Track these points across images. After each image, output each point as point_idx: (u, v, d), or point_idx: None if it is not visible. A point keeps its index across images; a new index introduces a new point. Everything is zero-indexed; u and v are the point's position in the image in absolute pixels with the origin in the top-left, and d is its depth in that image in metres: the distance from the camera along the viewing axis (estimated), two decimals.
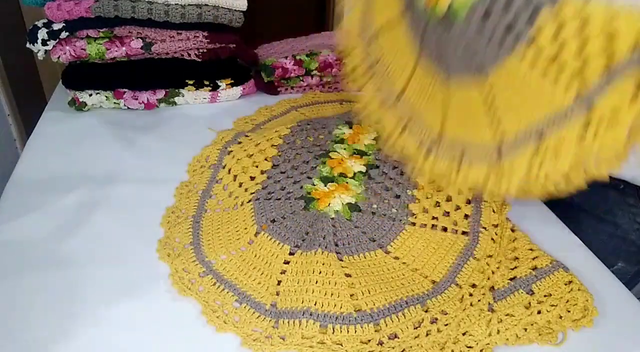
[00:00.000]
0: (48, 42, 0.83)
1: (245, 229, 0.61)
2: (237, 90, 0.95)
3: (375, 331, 0.49)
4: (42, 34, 0.82)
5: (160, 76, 0.91)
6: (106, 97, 0.89)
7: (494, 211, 0.63)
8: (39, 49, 0.84)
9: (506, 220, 0.62)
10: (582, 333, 0.51)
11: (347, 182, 0.67)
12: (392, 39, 0.58)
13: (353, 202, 0.64)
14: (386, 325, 0.49)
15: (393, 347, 0.48)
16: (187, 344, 0.49)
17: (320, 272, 0.54)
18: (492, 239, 0.60)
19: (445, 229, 0.61)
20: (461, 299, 0.52)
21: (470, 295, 0.53)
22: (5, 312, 0.51)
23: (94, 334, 0.49)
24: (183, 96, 0.93)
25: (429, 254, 0.58)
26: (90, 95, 0.89)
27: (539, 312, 0.51)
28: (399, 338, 0.49)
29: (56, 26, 0.83)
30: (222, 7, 0.86)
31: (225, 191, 0.68)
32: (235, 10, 0.87)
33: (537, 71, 0.43)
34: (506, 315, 0.51)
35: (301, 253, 0.57)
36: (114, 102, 0.90)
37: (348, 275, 0.54)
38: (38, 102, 1.17)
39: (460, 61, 0.49)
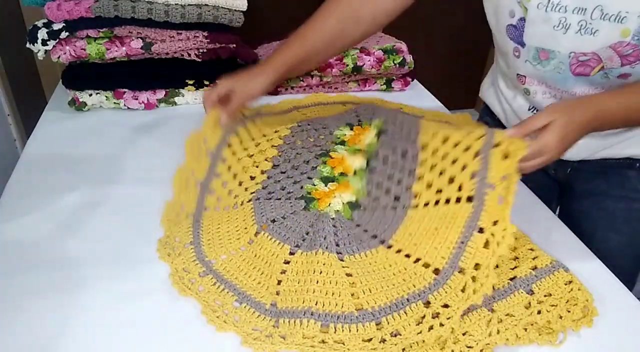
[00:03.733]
0: (48, 42, 0.83)
1: (246, 228, 0.61)
2: None
3: (377, 329, 0.49)
4: (42, 34, 0.82)
5: (160, 76, 0.91)
6: (106, 97, 0.89)
7: (505, 157, 0.56)
8: (39, 49, 0.84)
9: (518, 168, 0.55)
10: (582, 333, 0.51)
11: (347, 180, 0.66)
12: None
13: (353, 200, 0.63)
14: (388, 323, 0.49)
15: (395, 344, 0.48)
16: (187, 344, 0.49)
17: (320, 272, 0.54)
18: (499, 198, 0.55)
19: (448, 201, 0.57)
20: (463, 288, 0.51)
21: (474, 280, 0.51)
22: (5, 312, 0.51)
23: (93, 333, 0.49)
24: (183, 96, 0.93)
25: (431, 238, 0.55)
26: (90, 95, 0.89)
27: (539, 312, 0.51)
28: (401, 335, 0.49)
29: (56, 26, 0.83)
30: (222, 7, 0.86)
31: (224, 188, 0.68)
32: (235, 10, 0.87)
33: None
34: (506, 315, 0.51)
35: (301, 253, 0.57)
36: (114, 102, 0.90)
37: (349, 274, 0.54)
38: (38, 102, 1.17)
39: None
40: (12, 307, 0.52)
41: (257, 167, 0.70)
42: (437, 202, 0.58)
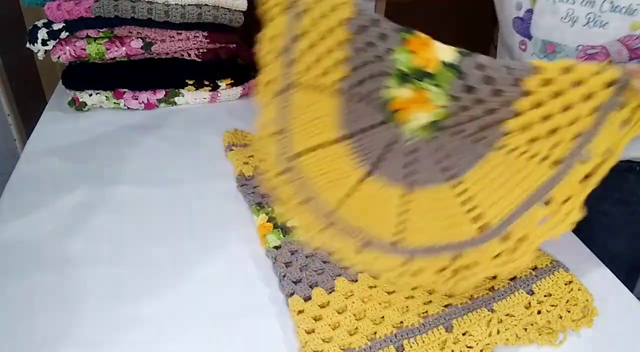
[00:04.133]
0: (48, 42, 0.83)
1: (326, 127, 0.57)
2: (237, 90, 0.95)
3: (402, 264, 0.49)
4: (42, 34, 0.82)
5: (160, 76, 0.91)
6: (106, 97, 0.89)
7: (624, 124, 0.45)
8: (39, 49, 0.84)
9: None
10: (582, 333, 0.51)
11: (426, 88, 0.51)
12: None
13: (434, 120, 0.52)
14: (413, 263, 0.49)
15: (411, 282, 0.49)
16: (187, 344, 0.49)
17: (381, 204, 0.54)
18: (587, 175, 0.46)
19: (534, 156, 0.48)
20: (497, 255, 0.46)
21: (514, 250, 0.46)
22: (5, 312, 0.51)
23: (93, 333, 0.49)
24: (183, 96, 0.93)
25: (495, 190, 0.48)
26: (90, 95, 0.89)
27: (539, 312, 0.51)
28: (418, 277, 0.49)
29: (56, 26, 0.83)
30: (222, 7, 0.86)
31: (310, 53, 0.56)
32: (235, 10, 0.87)
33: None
34: (506, 315, 0.51)
35: (373, 180, 0.55)
36: (114, 102, 0.90)
37: (404, 211, 0.53)
38: (38, 102, 1.17)
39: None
40: (11, 307, 0.52)
41: (339, 44, 0.55)
42: (523, 153, 0.48)
